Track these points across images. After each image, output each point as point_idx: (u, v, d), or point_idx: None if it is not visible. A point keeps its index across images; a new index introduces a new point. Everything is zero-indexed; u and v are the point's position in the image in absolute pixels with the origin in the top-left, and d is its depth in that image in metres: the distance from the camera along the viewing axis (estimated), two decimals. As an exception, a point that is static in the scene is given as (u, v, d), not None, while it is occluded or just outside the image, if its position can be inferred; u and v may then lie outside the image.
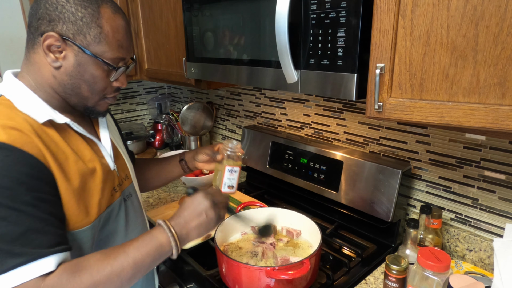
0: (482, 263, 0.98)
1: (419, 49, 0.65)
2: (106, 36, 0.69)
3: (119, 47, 0.71)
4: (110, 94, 0.76)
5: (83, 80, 0.70)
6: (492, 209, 0.96)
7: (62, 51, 0.67)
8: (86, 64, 0.69)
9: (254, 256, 0.96)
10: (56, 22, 0.66)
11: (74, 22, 0.66)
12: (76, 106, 0.74)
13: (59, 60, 0.67)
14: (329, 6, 0.75)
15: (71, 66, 0.68)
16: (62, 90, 0.70)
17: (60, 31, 0.66)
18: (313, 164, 1.25)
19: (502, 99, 0.59)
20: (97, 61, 0.69)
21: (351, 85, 0.75)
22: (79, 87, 0.70)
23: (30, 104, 0.67)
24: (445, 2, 0.61)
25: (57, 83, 0.69)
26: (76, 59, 0.68)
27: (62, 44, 0.66)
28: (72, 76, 0.69)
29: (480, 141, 0.95)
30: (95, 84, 0.71)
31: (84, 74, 0.69)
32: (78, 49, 0.67)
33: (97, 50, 0.69)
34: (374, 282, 0.96)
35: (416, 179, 1.11)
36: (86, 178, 0.70)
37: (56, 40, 0.65)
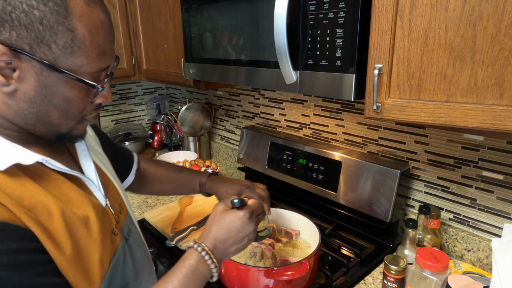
0: (480, 263, 0.99)
1: (417, 49, 0.66)
2: (82, 42, 0.48)
3: (100, 55, 0.51)
4: (91, 114, 0.56)
5: (52, 106, 0.50)
6: (490, 209, 0.97)
7: (15, 69, 0.46)
8: (54, 85, 0.49)
9: (253, 256, 0.95)
10: (1, 27, 0.44)
11: (29, 26, 0.45)
12: (45, 136, 0.55)
13: (11, 83, 0.47)
14: (328, 6, 0.75)
15: (31, 89, 0.48)
16: (22, 121, 0.51)
17: (7, 41, 0.45)
18: (312, 165, 1.25)
19: (500, 99, 0.59)
20: (71, 81, 0.50)
21: (350, 85, 0.75)
22: (46, 115, 0.51)
23: None
24: (443, 3, 0.61)
25: (12, 113, 0.50)
26: (39, 79, 0.48)
27: (14, 60, 0.46)
28: (34, 102, 0.49)
29: (478, 141, 0.95)
30: (69, 108, 0.52)
31: (52, 98, 0.50)
32: (40, 65, 0.47)
33: (70, 64, 0.48)
34: (373, 282, 0.96)
35: (415, 179, 1.11)
36: (79, 234, 0.53)
37: (2, 54, 0.45)
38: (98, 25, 0.50)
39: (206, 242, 0.63)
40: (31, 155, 0.50)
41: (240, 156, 1.55)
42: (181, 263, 0.60)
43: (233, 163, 1.79)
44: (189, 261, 0.60)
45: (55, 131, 0.54)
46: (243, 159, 1.53)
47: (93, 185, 0.60)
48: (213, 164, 1.57)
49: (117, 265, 0.61)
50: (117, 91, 2.06)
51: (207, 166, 1.55)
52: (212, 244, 0.63)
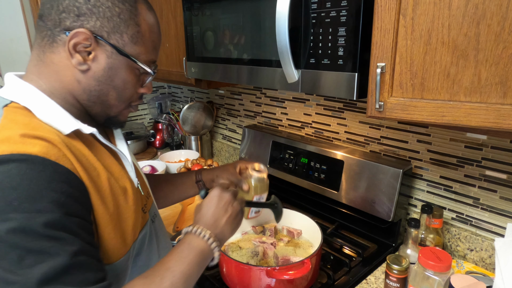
0: (483, 263, 0.98)
1: (420, 48, 0.65)
2: (143, 36, 0.61)
3: (153, 49, 0.64)
4: (135, 102, 0.67)
5: (112, 86, 0.61)
6: (494, 208, 0.96)
7: (91, 51, 0.57)
8: (119, 68, 0.60)
9: (254, 256, 0.95)
10: (87, 17, 0.56)
11: (110, 19, 0.57)
12: (97, 116, 0.64)
13: (87, 62, 0.58)
14: (330, 5, 0.74)
15: (101, 69, 0.59)
16: (86, 98, 0.60)
17: (92, 28, 0.56)
18: (314, 164, 1.25)
19: (503, 98, 0.58)
20: (131, 64, 0.61)
21: (352, 84, 0.75)
22: (106, 94, 0.61)
23: (50, 112, 0.56)
24: (446, 1, 0.60)
25: (80, 89, 0.59)
26: (108, 61, 0.59)
27: (93, 44, 0.57)
28: (100, 81, 0.59)
29: (481, 140, 0.95)
30: (124, 90, 0.62)
31: (114, 79, 0.60)
32: (112, 49, 0.58)
33: (133, 51, 0.60)
34: (375, 281, 0.96)
35: (417, 178, 1.11)
36: (119, 199, 0.61)
37: (86, 38, 0.56)
38: (154, 26, 0.64)
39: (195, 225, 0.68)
40: (88, 127, 0.59)
41: (241, 155, 1.55)
42: (177, 244, 0.65)
43: (235, 162, 1.79)
44: (183, 240, 0.65)
45: (107, 113, 0.64)
46: (244, 158, 1.53)
47: (129, 165, 0.68)
48: (214, 163, 1.57)
49: (144, 238, 0.69)
50: (119, 90, 2.06)
51: (209, 165, 1.55)
52: (202, 223, 0.68)
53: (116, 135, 0.73)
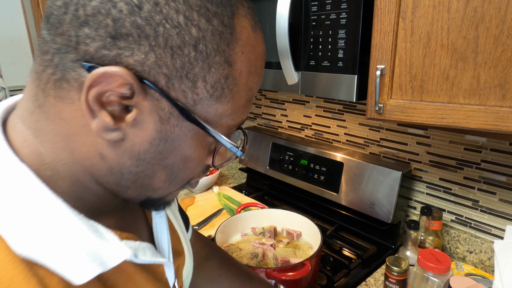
0: (482, 265, 0.98)
1: (419, 50, 0.66)
2: (236, 82, 0.33)
3: (248, 102, 0.36)
4: (198, 178, 0.41)
5: (162, 166, 0.35)
6: (493, 210, 0.96)
7: (132, 107, 0.31)
8: (178, 140, 0.33)
9: (254, 257, 0.95)
10: (132, 42, 0.29)
11: (177, 50, 0.30)
12: (130, 199, 0.39)
13: (120, 127, 0.31)
14: (330, 7, 0.75)
15: (145, 141, 0.32)
16: (113, 181, 0.35)
17: (137, 66, 0.29)
18: (314, 166, 1.25)
19: (502, 100, 0.59)
20: (202, 135, 0.34)
21: (352, 86, 0.75)
22: (151, 176, 0.35)
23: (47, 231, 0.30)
24: (445, 4, 0.61)
25: (105, 169, 0.34)
26: (162, 128, 0.32)
27: (138, 95, 0.30)
28: (143, 160, 0.34)
29: (480, 142, 0.95)
30: (183, 171, 0.37)
31: (168, 156, 0.34)
32: (171, 108, 0.32)
33: (211, 112, 0.33)
34: (375, 283, 0.96)
35: (417, 180, 1.11)
36: None
37: (124, 83, 0.29)
38: (258, 61, 0.35)
39: None
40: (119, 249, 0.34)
41: (241, 156, 1.55)
42: None
43: (234, 163, 1.79)
44: None
45: (147, 195, 0.39)
46: (244, 160, 1.53)
47: (171, 266, 0.46)
48: (214, 164, 1.57)
49: None
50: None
51: (209, 166, 1.55)
52: None
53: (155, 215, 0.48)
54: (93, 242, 0.32)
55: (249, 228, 1.09)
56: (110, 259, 0.33)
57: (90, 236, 0.32)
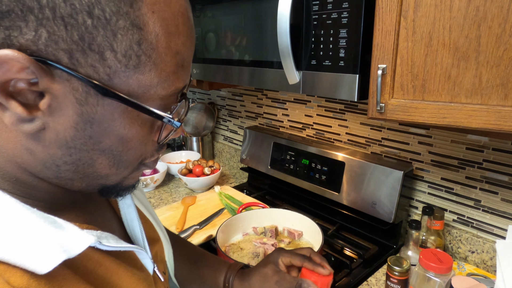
0: (484, 265, 0.98)
1: (421, 50, 0.65)
2: (154, 47, 0.29)
3: (178, 68, 0.32)
4: (151, 157, 0.37)
5: (99, 151, 0.32)
6: (495, 210, 0.96)
7: (43, 92, 0.28)
8: (106, 120, 0.30)
9: (255, 257, 0.95)
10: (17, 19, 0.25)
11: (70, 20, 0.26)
12: (83, 190, 0.37)
13: (36, 116, 0.28)
14: (331, 7, 0.74)
15: (69, 126, 0.30)
16: (53, 175, 0.33)
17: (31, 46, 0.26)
18: (315, 165, 1.25)
19: (504, 100, 0.58)
20: (132, 111, 0.31)
21: (353, 86, 0.75)
22: (91, 164, 0.33)
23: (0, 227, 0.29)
24: (447, 3, 0.60)
25: (38, 164, 0.31)
26: (82, 110, 0.29)
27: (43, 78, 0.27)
28: (73, 147, 0.31)
29: (482, 142, 0.95)
30: (125, 152, 0.34)
31: (101, 139, 0.31)
32: (85, 87, 0.28)
33: (133, 84, 0.30)
34: (376, 283, 0.96)
35: (418, 180, 1.10)
36: None
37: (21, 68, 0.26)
38: (179, 19, 0.30)
39: None
40: (81, 236, 0.32)
41: (243, 156, 1.55)
42: None
43: (236, 163, 1.79)
44: None
45: (100, 183, 0.36)
46: (246, 159, 1.53)
47: (143, 252, 0.44)
48: (216, 164, 1.57)
49: None
50: (121, 91, 2.06)
51: (210, 166, 1.55)
52: None
53: None
54: (52, 232, 0.31)
55: (250, 227, 1.09)
56: (73, 246, 0.31)
57: (48, 228, 0.31)
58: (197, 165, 1.54)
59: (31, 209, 0.31)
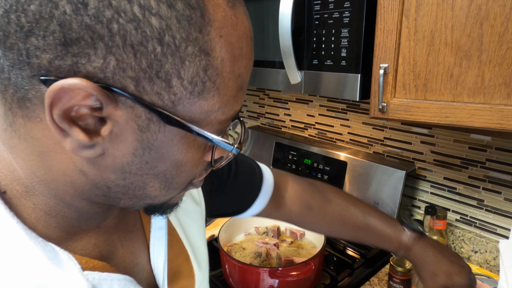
0: (487, 265, 0.98)
1: (423, 49, 0.65)
2: (219, 72, 0.29)
3: (238, 91, 0.31)
4: (200, 177, 0.37)
5: (153, 175, 0.32)
6: (498, 210, 0.95)
7: (105, 119, 0.27)
8: (165, 146, 0.30)
9: (257, 256, 0.95)
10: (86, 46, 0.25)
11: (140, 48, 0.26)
12: (130, 207, 0.35)
13: (97, 142, 0.28)
14: (333, 6, 0.74)
15: (127, 153, 0.29)
16: (101, 193, 0.32)
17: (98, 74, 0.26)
18: (317, 165, 1.25)
19: (507, 99, 0.58)
20: (190, 137, 0.30)
21: (355, 85, 0.75)
22: (142, 187, 0.32)
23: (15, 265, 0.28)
24: (449, 2, 0.60)
25: (89, 184, 0.31)
26: (142, 137, 0.29)
27: (107, 106, 0.27)
28: (129, 172, 0.31)
29: (485, 141, 0.94)
30: (177, 175, 0.33)
31: (157, 164, 0.31)
32: (148, 115, 0.28)
33: (196, 111, 0.29)
34: (378, 283, 0.95)
35: (421, 179, 1.10)
36: None
37: (86, 96, 0.26)
38: (243, 42, 0.30)
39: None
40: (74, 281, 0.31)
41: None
42: None
43: (238, 163, 1.79)
44: None
45: (147, 203, 0.35)
46: (248, 159, 1.54)
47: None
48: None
49: None
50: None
51: (212, 166, 1.55)
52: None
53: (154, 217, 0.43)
54: (46, 271, 0.29)
55: (252, 227, 1.10)
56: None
57: (45, 264, 0.29)
58: (199, 165, 1.55)
59: (35, 239, 0.30)
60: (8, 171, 0.30)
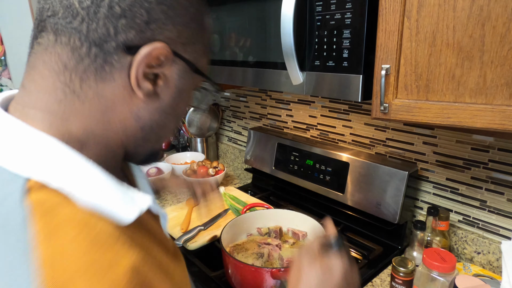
0: (490, 266, 0.97)
1: (424, 50, 0.65)
2: (209, 43, 0.46)
3: None
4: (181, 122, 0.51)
5: (175, 115, 0.45)
6: (501, 211, 0.95)
7: (159, 74, 0.40)
8: (187, 90, 0.44)
9: (260, 257, 0.96)
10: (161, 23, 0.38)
11: (187, 26, 0.40)
12: (137, 155, 0.45)
13: (156, 90, 0.40)
14: (334, 7, 0.75)
15: (169, 96, 0.42)
16: (141, 137, 0.43)
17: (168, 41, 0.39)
18: (319, 166, 1.25)
19: (509, 99, 0.58)
20: (198, 83, 0.46)
21: (357, 86, 0.75)
22: (166, 126, 0.44)
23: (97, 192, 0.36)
24: (451, 3, 0.60)
25: (138, 128, 0.41)
26: (179, 83, 0.42)
27: (167, 62, 0.39)
28: (166, 112, 0.43)
29: (488, 142, 0.94)
30: (181, 115, 0.47)
31: (180, 104, 0.44)
32: (185, 67, 0.41)
33: (203, 64, 0.45)
34: (381, 284, 0.95)
35: (423, 180, 1.10)
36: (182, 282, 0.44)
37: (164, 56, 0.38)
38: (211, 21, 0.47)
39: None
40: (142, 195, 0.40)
41: (247, 157, 1.55)
42: None
43: (240, 164, 1.79)
44: None
45: (154, 148, 0.46)
46: (250, 160, 1.54)
47: (165, 216, 0.50)
48: (220, 165, 1.57)
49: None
50: (126, 93, 2.08)
51: (214, 167, 1.55)
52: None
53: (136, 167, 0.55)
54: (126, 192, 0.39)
55: (254, 228, 1.10)
56: (143, 203, 0.39)
57: (122, 189, 0.38)
58: (201, 166, 1.55)
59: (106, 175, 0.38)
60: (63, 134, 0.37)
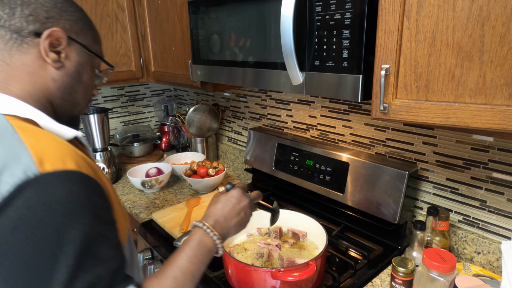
0: (490, 266, 0.97)
1: (424, 50, 0.65)
2: (98, 37, 0.69)
3: None
4: (90, 101, 0.72)
5: (81, 83, 0.65)
6: (501, 211, 0.95)
7: (61, 51, 0.61)
8: (86, 65, 0.65)
9: (259, 257, 0.96)
10: (56, 19, 0.60)
11: (76, 22, 0.63)
12: (63, 116, 0.67)
13: (60, 60, 0.61)
14: (334, 8, 0.75)
15: (72, 65, 0.63)
16: (60, 95, 0.63)
17: (63, 28, 0.61)
18: (319, 166, 1.25)
19: (509, 99, 0.58)
20: (94, 62, 0.67)
21: (357, 86, 0.75)
22: (76, 90, 0.65)
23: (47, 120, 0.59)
24: (450, 3, 0.60)
25: (55, 87, 0.62)
26: (78, 58, 0.63)
27: (64, 43, 0.60)
28: (72, 77, 0.64)
29: (488, 142, 0.94)
30: (88, 87, 0.68)
31: (83, 75, 0.65)
32: (81, 48, 0.63)
33: (96, 50, 0.67)
34: (381, 284, 0.95)
35: (423, 180, 1.10)
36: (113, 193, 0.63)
37: (60, 38, 0.59)
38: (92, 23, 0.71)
39: (207, 220, 0.71)
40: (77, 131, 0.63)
41: (247, 157, 1.55)
42: (187, 240, 0.67)
43: (240, 164, 1.79)
44: (194, 236, 0.67)
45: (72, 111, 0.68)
46: (250, 160, 1.54)
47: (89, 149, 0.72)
48: (220, 165, 1.57)
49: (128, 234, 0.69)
50: (126, 93, 2.08)
51: (214, 167, 1.55)
52: (213, 220, 0.71)
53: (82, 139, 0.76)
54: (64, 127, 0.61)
55: (254, 228, 1.10)
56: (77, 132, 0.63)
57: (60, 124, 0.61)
58: (201, 166, 1.55)
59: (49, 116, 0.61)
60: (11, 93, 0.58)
